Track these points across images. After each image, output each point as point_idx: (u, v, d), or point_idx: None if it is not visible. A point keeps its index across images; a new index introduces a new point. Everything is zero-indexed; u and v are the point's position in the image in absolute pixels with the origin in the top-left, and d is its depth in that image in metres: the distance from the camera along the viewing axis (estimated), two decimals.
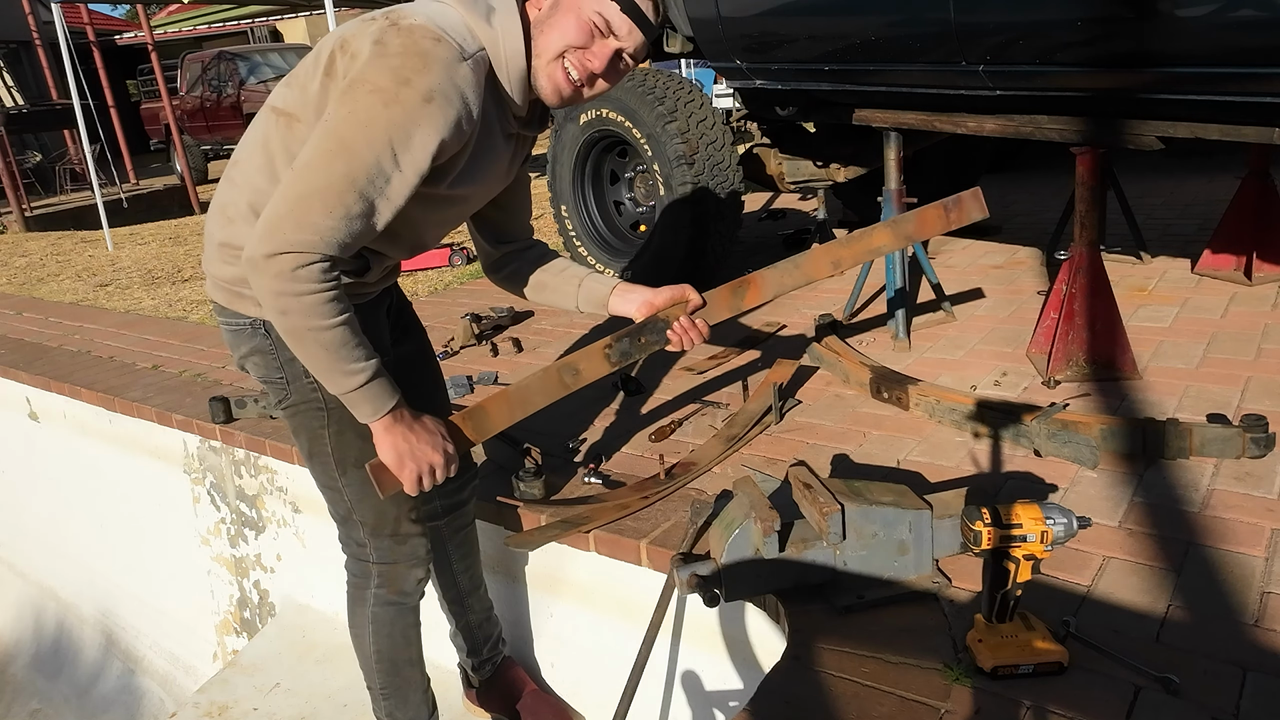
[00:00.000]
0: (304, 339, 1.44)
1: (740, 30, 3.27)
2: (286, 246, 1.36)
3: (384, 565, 1.82)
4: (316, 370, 1.49)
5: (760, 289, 1.87)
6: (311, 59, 1.50)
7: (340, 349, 1.45)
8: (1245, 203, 3.23)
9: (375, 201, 1.40)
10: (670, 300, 1.77)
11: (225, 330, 1.68)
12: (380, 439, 1.55)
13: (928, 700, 1.47)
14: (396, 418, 1.54)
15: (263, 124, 1.55)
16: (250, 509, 3.24)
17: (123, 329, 4.67)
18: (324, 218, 1.37)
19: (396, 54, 1.37)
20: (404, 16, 1.42)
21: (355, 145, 1.37)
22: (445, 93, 1.39)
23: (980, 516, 1.46)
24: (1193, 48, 2.18)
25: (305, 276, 1.38)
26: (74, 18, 12.39)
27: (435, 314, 4.13)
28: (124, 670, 4.06)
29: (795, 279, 1.90)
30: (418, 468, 1.56)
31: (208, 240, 1.64)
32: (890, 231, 1.92)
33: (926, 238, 2.13)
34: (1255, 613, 1.59)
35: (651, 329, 1.77)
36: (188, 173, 10.88)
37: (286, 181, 1.41)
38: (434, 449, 1.57)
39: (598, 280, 1.84)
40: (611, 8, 1.50)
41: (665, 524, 2.09)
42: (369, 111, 1.37)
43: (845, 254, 1.91)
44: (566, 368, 1.77)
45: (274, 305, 1.41)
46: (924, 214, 1.91)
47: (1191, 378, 2.54)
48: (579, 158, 3.91)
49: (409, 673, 1.94)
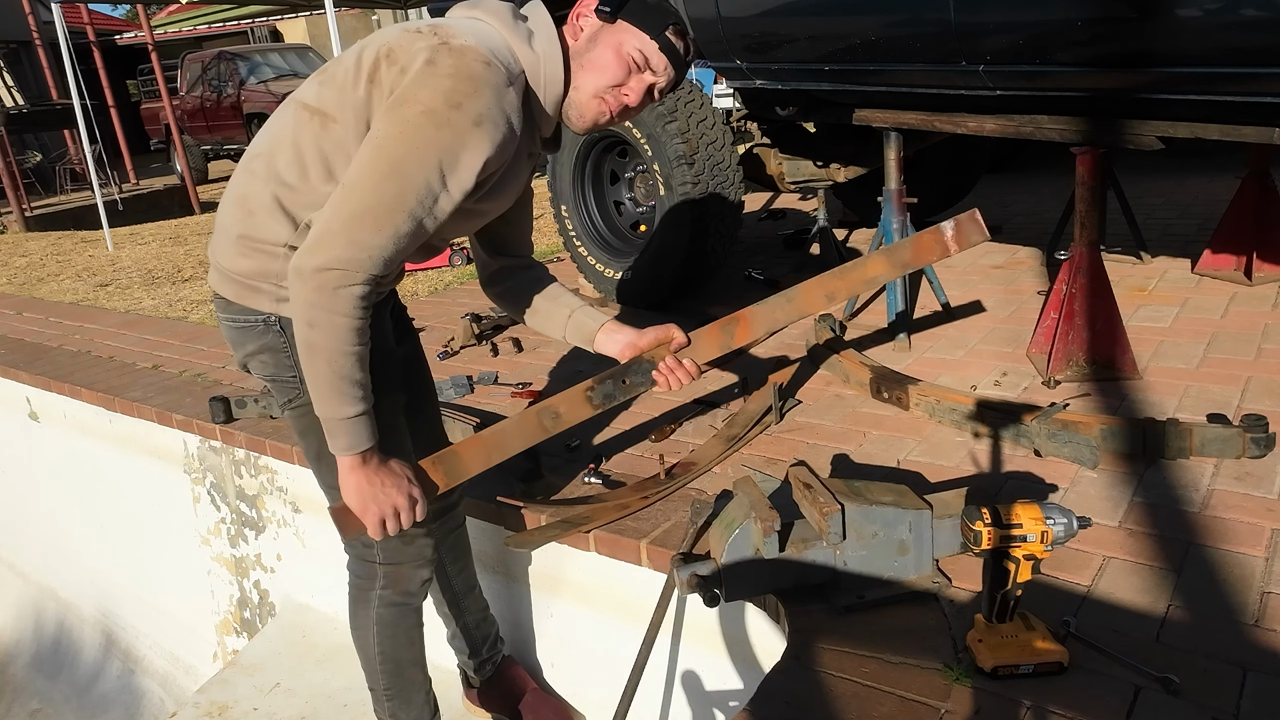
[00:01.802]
0: (317, 354, 1.45)
1: (740, 30, 3.27)
2: (336, 263, 1.39)
3: (390, 566, 1.82)
4: (315, 386, 1.49)
5: (751, 326, 1.81)
6: (352, 62, 1.49)
7: (347, 376, 1.46)
8: (1245, 203, 3.23)
9: (422, 220, 1.43)
10: (655, 341, 1.75)
11: (229, 327, 1.67)
12: (345, 477, 1.54)
13: (928, 700, 1.47)
14: (366, 458, 1.53)
15: (292, 119, 1.54)
16: (250, 509, 3.24)
17: (123, 329, 4.67)
18: (374, 236, 1.40)
19: (448, 75, 1.39)
20: (454, 35, 1.44)
21: (406, 167, 1.40)
22: (494, 117, 1.42)
23: (980, 516, 1.46)
24: (1192, 48, 2.18)
25: (345, 298, 1.41)
26: (74, 18, 12.40)
27: (435, 314, 4.14)
28: (124, 670, 4.06)
29: (788, 314, 1.83)
30: (381, 511, 1.56)
31: (221, 232, 1.62)
32: (886, 260, 1.82)
33: (924, 265, 2.05)
34: (1255, 613, 1.59)
35: (636, 370, 1.75)
36: (188, 173, 10.88)
37: (338, 198, 1.43)
38: (399, 492, 1.57)
39: (587, 314, 1.83)
40: (651, 45, 1.54)
41: (665, 524, 2.09)
42: (420, 133, 1.39)
43: (839, 286, 1.83)
44: (546, 411, 1.75)
45: (305, 315, 1.43)
46: (920, 240, 1.80)
47: (1191, 378, 2.54)
48: (579, 157, 3.91)
49: (412, 673, 1.94)
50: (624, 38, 1.54)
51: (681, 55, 1.58)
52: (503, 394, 3.04)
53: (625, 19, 1.54)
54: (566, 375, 3.16)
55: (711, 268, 3.68)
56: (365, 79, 1.46)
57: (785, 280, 3.93)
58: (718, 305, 3.69)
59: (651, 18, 1.55)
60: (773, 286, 3.87)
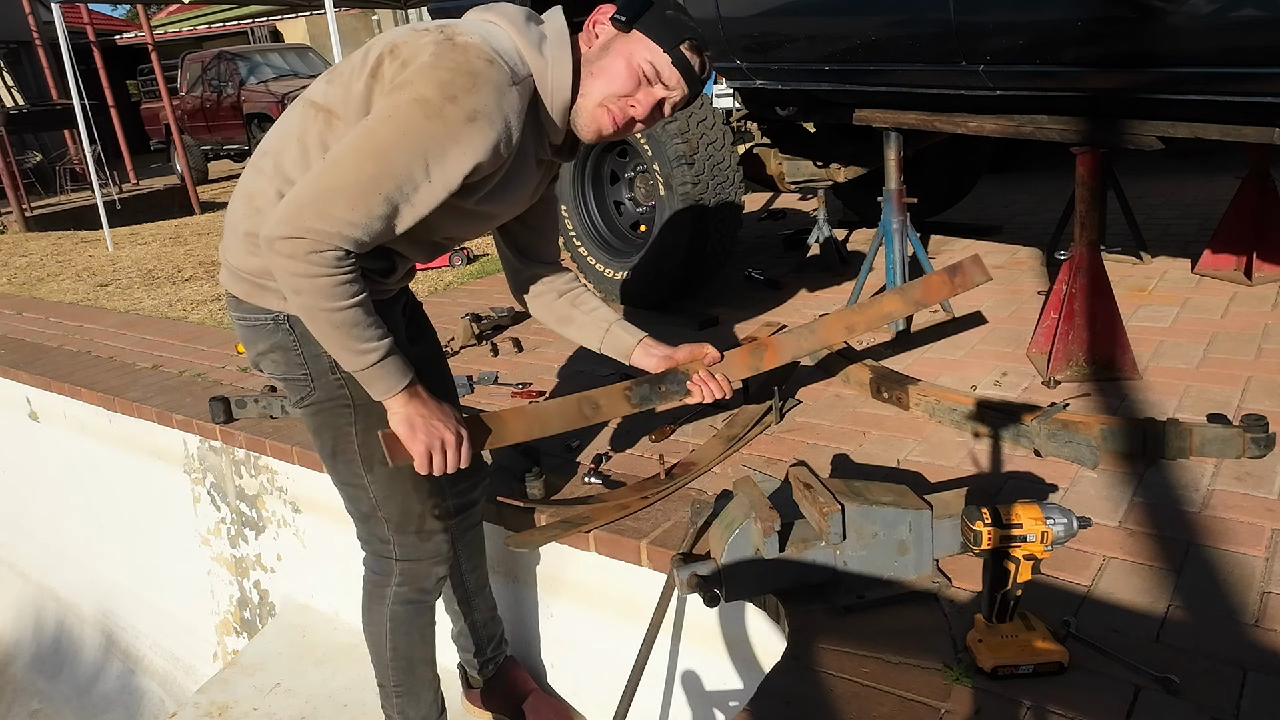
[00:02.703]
0: (316, 317, 1.47)
1: (740, 30, 3.27)
2: (302, 233, 1.39)
3: (408, 563, 1.82)
4: (329, 346, 1.51)
5: (778, 352, 2.04)
6: (359, 59, 1.50)
7: (352, 328, 1.47)
8: (1245, 203, 3.23)
9: (399, 206, 1.42)
10: (690, 356, 1.90)
11: (241, 326, 1.67)
12: (394, 413, 1.56)
13: (928, 700, 1.47)
14: (411, 394, 1.56)
15: (299, 117, 1.55)
16: (250, 509, 3.24)
17: (123, 329, 4.67)
18: (346, 213, 1.39)
19: (448, 69, 1.38)
20: (460, 33, 1.43)
21: (389, 151, 1.39)
22: (490, 115, 1.40)
23: (980, 516, 1.46)
24: (1193, 48, 2.18)
25: (318, 261, 1.40)
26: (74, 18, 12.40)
27: (435, 314, 4.09)
28: (124, 670, 4.06)
29: (811, 343, 2.12)
30: (428, 442, 1.56)
31: (230, 230, 1.63)
32: (900, 299, 2.22)
33: (933, 303, 2.42)
34: (1255, 613, 1.59)
35: (672, 379, 1.90)
36: (188, 173, 10.87)
37: (315, 171, 1.43)
38: (447, 428, 1.58)
39: (625, 329, 1.91)
40: (664, 59, 1.52)
41: (665, 524, 2.09)
42: (409, 120, 1.38)
43: (859, 320, 2.17)
44: (587, 400, 1.87)
45: (288, 284, 1.44)
46: (929, 281, 2.20)
47: (1191, 378, 2.53)
48: (579, 158, 3.91)
49: (423, 671, 1.95)
50: (636, 48, 1.52)
51: (696, 72, 1.55)
52: (503, 394, 3.04)
53: (640, 29, 1.52)
54: (566, 375, 3.17)
55: (711, 268, 3.68)
56: (368, 74, 1.46)
57: (785, 280, 3.93)
58: (718, 305, 3.69)
59: (667, 30, 1.52)
60: (773, 287, 3.87)
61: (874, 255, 3.23)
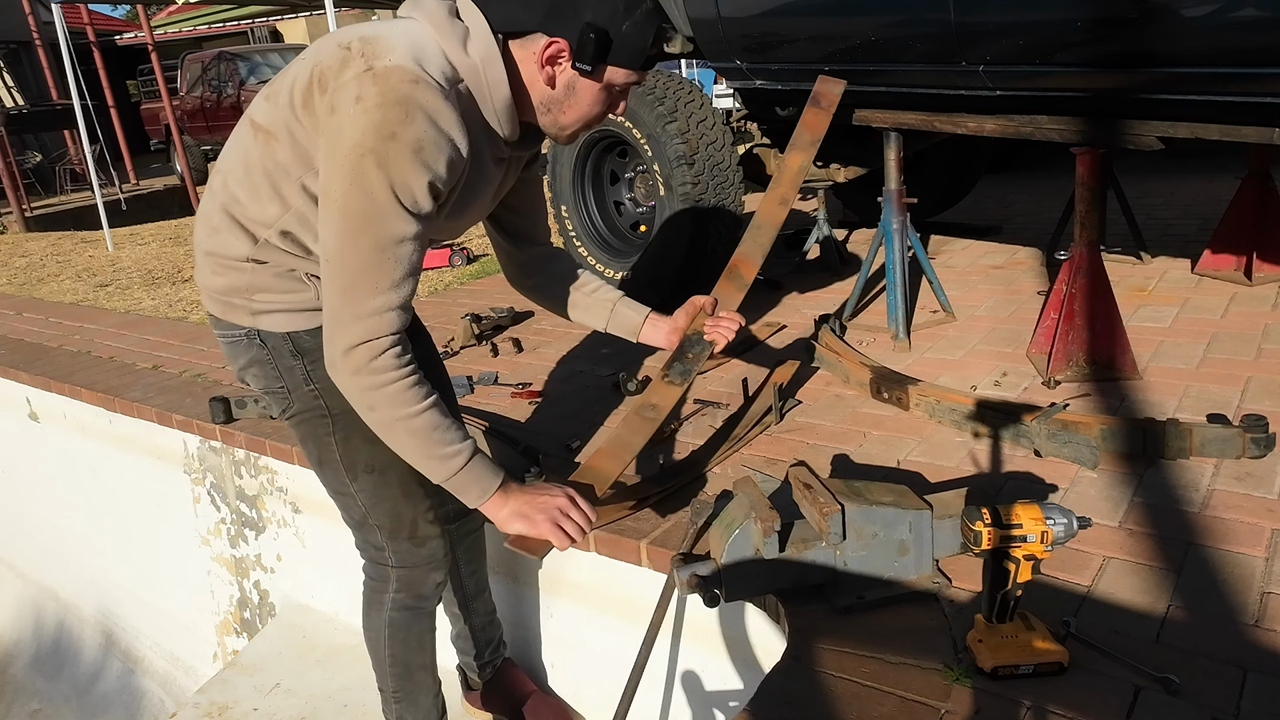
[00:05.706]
0: (395, 430, 1.45)
1: (740, 30, 3.27)
2: (355, 339, 1.39)
3: (403, 569, 1.82)
4: (412, 459, 1.49)
5: (750, 261, 2.10)
6: (289, 80, 1.46)
7: (432, 432, 1.46)
8: (1245, 203, 3.23)
9: (410, 256, 1.42)
10: (689, 316, 1.91)
11: (223, 343, 1.68)
12: (497, 516, 1.53)
13: (928, 700, 1.47)
14: (506, 492, 1.53)
15: (244, 137, 1.53)
16: (250, 509, 3.24)
17: (123, 329, 4.67)
18: (374, 297, 1.39)
19: (375, 106, 1.33)
20: (379, 55, 1.36)
21: (369, 216, 1.37)
22: (433, 139, 1.36)
23: (980, 517, 1.46)
24: (1192, 48, 2.18)
25: (381, 366, 1.41)
26: (74, 18, 12.39)
27: (435, 314, 4.13)
28: (124, 670, 4.06)
29: (767, 235, 2.18)
30: (550, 518, 1.53)
31: (196, 250, 1.64)
32: (799, 152, 2.50)
33: (821, 133, 2.58)
34: (1255, 613, 1.59)
35: (693, 344, 1.92)
36: (188, 173, 10.86)
37: (328, 276, 1.42)
38: (553, 498, 1.55)
39: (630, 307, 1.90)
40: (639, 73, 1.52)
41: (665, 524, 2.09)
42: (365, 177, 1.35)
43: (782, 189, 2.34)
44: (644, 407, 1.92)
45: (361, 401, 1.44)
46: (805, 119, 2.55)
47: (1191, 378, 2.53)
48: (579, 158, 3.91)
49: (421, 677, 1.95)
50: (610, 78, 1.50)
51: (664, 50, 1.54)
52: (502, 394, 3.04)
53: (610, 63, 1.47)
54: (566, 375, 3.17)
55: (712, 267, 3.67)
56: (300, 103, 1.42)
57: (785, 280, 3.93)
58: None
59: (632, 50, 1.47)
60: (773, 286, 3.87)
61: (874, 255, 3.23)
